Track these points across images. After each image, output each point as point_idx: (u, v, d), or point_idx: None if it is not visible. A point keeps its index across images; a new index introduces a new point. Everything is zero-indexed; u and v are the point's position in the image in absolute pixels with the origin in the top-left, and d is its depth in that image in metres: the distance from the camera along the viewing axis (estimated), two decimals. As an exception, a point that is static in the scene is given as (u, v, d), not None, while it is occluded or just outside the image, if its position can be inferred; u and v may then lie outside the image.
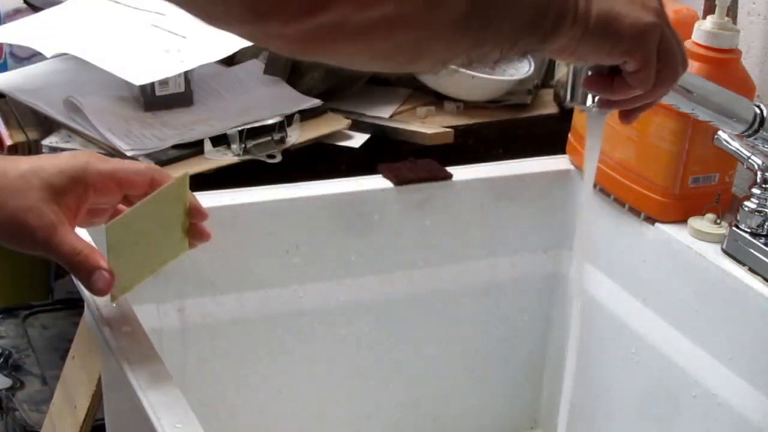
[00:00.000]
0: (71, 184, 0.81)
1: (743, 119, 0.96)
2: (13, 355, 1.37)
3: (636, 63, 0.76)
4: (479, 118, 1.36)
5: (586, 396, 1.24)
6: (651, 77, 0.77)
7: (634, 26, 0.74)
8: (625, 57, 0.76)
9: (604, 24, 0.72)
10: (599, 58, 0.76)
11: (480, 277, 1.23)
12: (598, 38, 0.73)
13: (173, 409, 0.77)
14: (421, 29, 0.63)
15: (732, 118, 0.95)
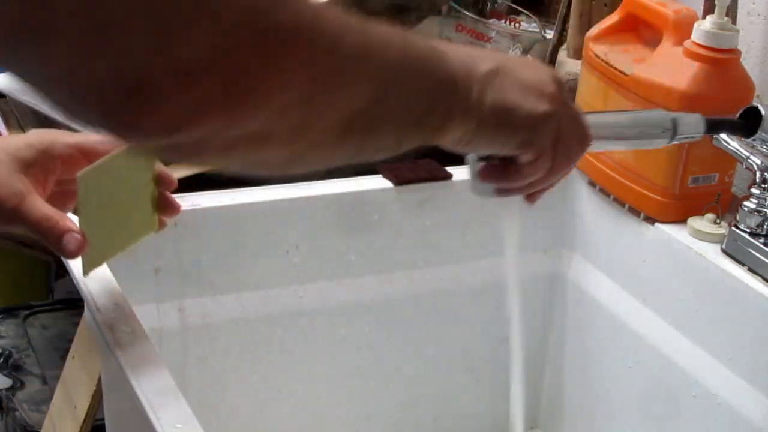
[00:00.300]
0: (38, 156, 0.82)
1: (663, 132, 0.91)
2: (13, 355, 1.37)
3: (530, 154, 0.74)
4: (479, 118, 1.36)
5: (586, 396, 1.24)
6: (546, 167, 0.76)
7: (529, 118, 0.72)
8: (519, 149, 0.74)
9: (498, 116, 0.70)
10: (494, 149, 0.74)
11: (480, 277, 1.23)
12: (492, 131, 0.71)
13: (173, 409, 0.77)
14: (295, 144, 0.59)
15: (653, 139, 0.91)
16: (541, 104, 0.72)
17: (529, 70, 0.74)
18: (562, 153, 0.75)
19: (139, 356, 0.83)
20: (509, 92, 0.71)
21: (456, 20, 1.40)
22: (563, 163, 0.77)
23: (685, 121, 0.91)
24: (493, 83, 0.70)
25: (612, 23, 1.18)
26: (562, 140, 0.75)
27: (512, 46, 1.40)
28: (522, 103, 0.71)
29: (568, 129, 0.75)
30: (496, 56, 0.74)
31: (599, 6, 1.38)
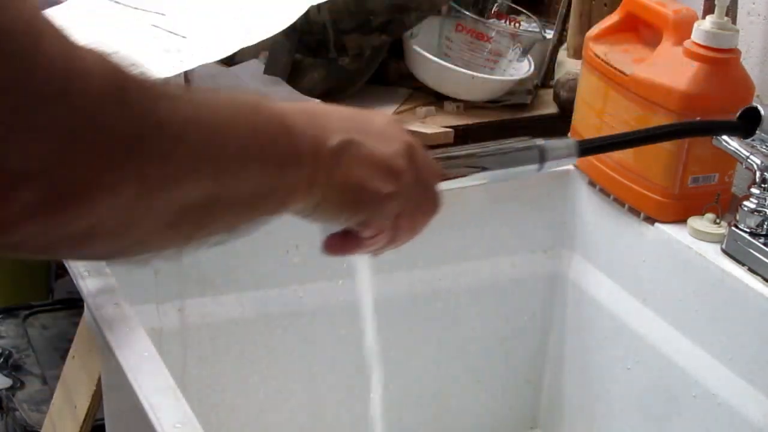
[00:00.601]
0: None
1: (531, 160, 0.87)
2: (13, 355, 1.37)
3: (372, 231, 0.73)
4: (479, 118, 1.36)
5: (586, 396, 1.24)
6: (386, 239, 0.75)
7: (372, 200, 0.70)
8: (359, 227, 0.73)
9: (341, 196, 0.69)
10: (333, 224, 0.73)
11: (480, 277, 1.23)
12: (334, 209, 0.70)
13: (173, 409, 0.77)
14: (121, 240, 0.57)
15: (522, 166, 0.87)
16: (386, 184, 0.70)
17: (381, 140, 0.71)
18: (404, 227, 0.75)
19: (139, 356, 0.83)
20: (356, 170, 0.69)
21: (456, 20, 1.40)
22: (406, 235, 0.76)
23: (554, 147, 0.87)
24: (341, 160, 0.68)
25: (612, 23, 1.18)
26: (405, 215, 0.73)
27: (512, 46, 1.40)
28: (367, 184, 0.69)
29: (414, 202, 0.74)
30: (350, 123, 0.70)
31: (599, 6, 1.38)
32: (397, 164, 0.71)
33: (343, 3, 1.33)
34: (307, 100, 1.29)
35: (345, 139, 0.68)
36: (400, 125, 0.74)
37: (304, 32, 1.35)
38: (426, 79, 1.39)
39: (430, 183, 0.75)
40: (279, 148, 0.63)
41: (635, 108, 1.11)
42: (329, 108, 0.71)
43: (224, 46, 1.24)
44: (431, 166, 0.76)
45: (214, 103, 0.59)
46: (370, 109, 1.32)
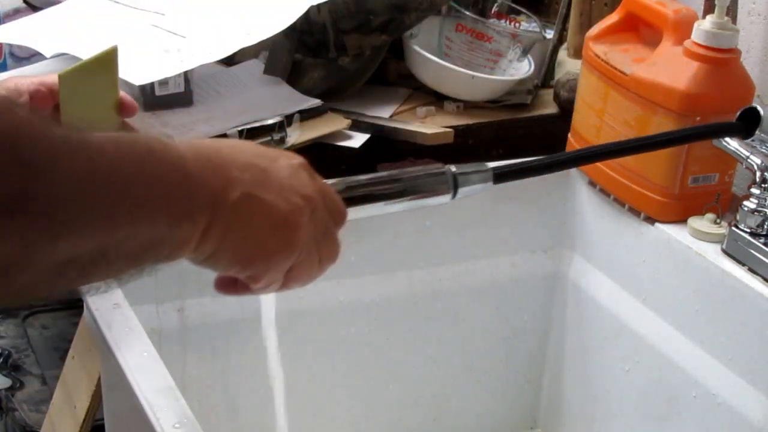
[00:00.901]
0: (7, 93, 0.85)
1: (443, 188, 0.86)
2: (13, 355, 1.37)
3: (262, 284, 0.71)
4: (479, 118, 1.36)
5: (586, 396, 1.24)
6: (276, 288, 0.73)
7: (266, 257, 0.68)
8: (250, 279, 0.71)
9: (234, 251, 0.67)
10: (224, 272, 0.72)
11: (480, 277, 1.23)
12: (227, 262, 0.68)
13: (173, 409, 0.77)
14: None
15: (433, 196, 0.85)
16: (282, 243, 0.69)
17: (282, 194, 0.69)
18: (296, 279, 0.72)
19: (139, 356, 0.83)
20: (252, 227, 0.67)
21: (456, 20, 1.40)
22: (297, 285, 0.73)
23: (467, 173, 0.86)
24: (239, 216, 0.65)
25: (612, 23, 1.18)
26: (299, 268, 0.71)
27: (512, 46, 1.40)
28: (261, 242, 0.68)
29: (309, 256, 0.72)
30: (252, 174, 0.67)
31: (599, 6, 1.38)
32: (295, 221, 0.69)
33: (343, 3, 1.33)
34: (308, 101, 1.29)
35: (245, 193, 0.66)
36: (305, 171, 0.72)
37: (304, 32, 1.35)
38: (426, 79, 1.39)
39: (330, 234, 0.74)
40: (176, 203, 0.61)
41: (635, 108, 1.11)
42: (233, 152, 0.68)
43: (224, 46, 1.24)
44: (335, 211, 0.74)
45: (112, 156, 0.57)
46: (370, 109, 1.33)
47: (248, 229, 0.66)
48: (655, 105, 1.09)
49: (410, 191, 0.83)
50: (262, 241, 0.68)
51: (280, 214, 0.68)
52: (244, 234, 0.66)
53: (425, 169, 0.85)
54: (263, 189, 0.67)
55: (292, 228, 0.69)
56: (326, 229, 0.73)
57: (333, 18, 1.33)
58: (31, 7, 1.44)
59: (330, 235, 0.74)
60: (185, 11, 1.31)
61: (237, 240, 0.66)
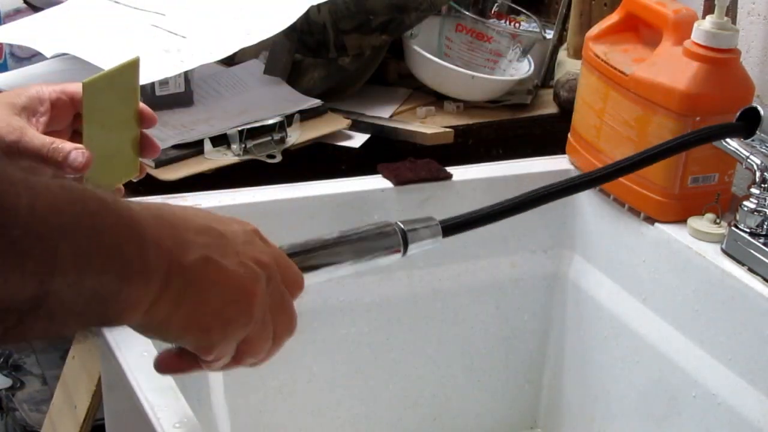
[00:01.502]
0: (29, 100, 0.86)
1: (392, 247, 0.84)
2: (13, 355, 1.37)
3: (213, 356, 0.67)
4: (479, 118, 1.36)
5: (586, 396, 1.24)
6: (224, 362, 0.69)
7: (221, 326, 0.65)
8: (201, 351, 0.67)
9: (188, 317, 0.63)
10: (172, 343, 0.68)
11: (480, 277, 1.23)
12: (178, 331, 0.64)
13: (173, 409, 0.77)
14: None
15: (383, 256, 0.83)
16: (239, 312, 0.65)
17: (240, 258, 0.66)
18: (249, 353, 0.69)
19: (139, 356, 0.83)
20: (210, 292, 0.63)
21: (456, 20, 1.40)
22: (250, 359, 0.70)
23: (415, 229, 0.85)
24: (196, 279, 0.62)
25: (612, 23, 1.18)
26: (253, 341, 0.68)
27: (512, 46, 1.40)
28: (219, 310, 0.64)
29: (265, 328, 0.68)
30: (208, 237, 0.65)
31: (599, 6, 1.38)
32: (252, 289, 0.66)
33: (343, 3, 1.33)
34: (308, 101, 1.29)
35: (202, 257, 0.63)
36: (259, 237, 0.70)
37: (304, 32, 1.35)
38: (426, 79, 1.39)
39: (286, 304, 0.70)
40: (126, 257, 0.58)
41: (635, 108, 1.11)
42: (188, 215, 0.65)
43: (224, 46, 1.24)
44: (291, 279, 0.72)
45: (57, 195, 0.54)
46: (370, 109, 1.34)
47: (204, 294, 0.63)
48: (655, 105, 1.09)
49: (360, 253, 0.81)
50: (219, 309, 0.64)
51: (238, 280, 0.65)
52: (200, 299, 0.63)
53: (374, 229, 0.83)
54: (221, 253, 0.65)
55: (249, 295, 0.66)
56: (282, 298, 0.70)
57: (333, 18, 1.33)
58: (31, 7, 1.44)
59: (286, 305, 0.70)
60: (185, 11, 1.31)
61: (192, 305, 0.63)
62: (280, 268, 0.70)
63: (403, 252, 0.84)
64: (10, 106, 0.86)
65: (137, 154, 0.89)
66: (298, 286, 0.72)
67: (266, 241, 0.71)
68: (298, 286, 0.72)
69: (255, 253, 0.67)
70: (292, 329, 0.71)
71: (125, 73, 0.87)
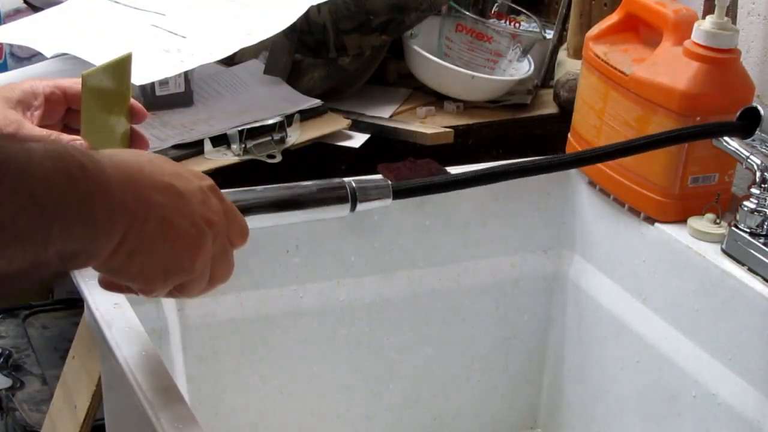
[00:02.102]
0: (23, 94, 0.88)
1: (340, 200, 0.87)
2: (13, 355, 1.37)
3: (150, 296, 0.74)
4: (479, 118, 1.36)
5: (586, 396, 1.24)
6: (160, 297, 0.76)
7: (163, 280, 0.72)
8: (141, 292, 0.74)
9: (137, 269, 0.70)
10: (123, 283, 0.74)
11: (480, 277, 1.23)
12: (127, 276, 0.71)
13: (173, 409, 0.77)
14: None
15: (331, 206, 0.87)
16: (183, 267, 0.72)
17: (194, 218, 0.72)
18: (183, 293, 0.75)
19: (139, 356, 0.83)
20: (160, 249, 0.70)
21: (456, 20, 1.40)
22: (182, 297, 0.76)
23: (365, 187, 0.87)
24: (150, 238, 0.69)
25: (612, 23, 1.18)
26: (189, 285, 0.74)
27: (512, 46, 1.40)
28: (166, 264, 0.71)
29: (204, 275, 0.75)
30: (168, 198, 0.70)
31: (599, 6, 1.38)
32: (199, 247, 0.72)
33: (343, 3, 1.33)
34: (308, 101, 1.29)
35: (159, 217, 0.69)
36: (215, 194, 0.75)
37: (304, 32, 1.35)
38: (426, 79, 1.39)
39: (227, 255, 0.77)
40: (98, 221, 0.64)
41: (635, 108, 1.11)
42: (154, 171, 0.70)
43: (224, 46, 1.24)
44: (238, 231, 0.77)
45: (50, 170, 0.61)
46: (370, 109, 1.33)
47: (155, 251, 0.70)
48: (655, 105, 1.09)
49: (309, 202, 0.86)
50: (165, 264, 0.71)
51: (187, 239, 0.71)
52: (151, 255, 0.70)
53: (325, 183, 0.87)
54: (177, 214, 0.71)
55: (194, 253, 0.72)
56: (224, 250, 0.76)
57: (333, 18, 1.33)
58: (31, 7, 1.44)
59: (226, 257, 0.77)
60: (185, 11, 1.31)
61: (142, 259, 0.69)
62: (229, 221, 0.76)
63: (352, 207, 0.87)
64: (5, 100, 0.87)
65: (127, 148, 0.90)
66: (244, 237, 0.79)
67: (220, 197, 0.76)
68: (244, 236, 0.79)
69: (207, 213, 0.73)
70: (227, 277, 0.78)
71: (120, 67, 0.88)
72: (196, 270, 0.73)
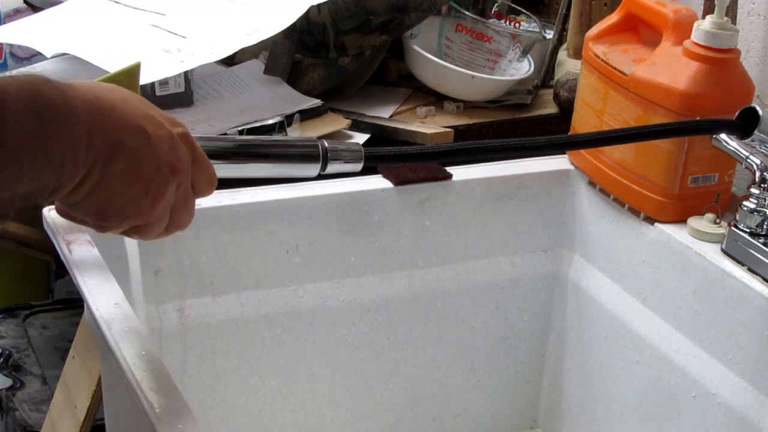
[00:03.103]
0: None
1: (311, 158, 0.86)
2: (13, 355, 1.37)
3: (105, 231, 0.75)
4: (479, 118, 1.36)
5: (586, 396, 1.25)
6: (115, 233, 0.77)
7: (119, 220, 0.73)
8: (96, 227, 0.75)
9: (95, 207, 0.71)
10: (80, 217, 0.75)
11: (480, 277, 1.23)
12: (84, 212, 0.72)
13: (173, 409, 0.77)
14: None
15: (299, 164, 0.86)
16: (140, 211, 0.72)
17: (158, 164, 0.72)
18: (139, 234, 0.76)
19: (139, 356, 0.83)
20: (118, 191, 0.71)
21: (456, 20, 1.40)
22: (137, 237, 0.77)
23: (337, 149, 0.87)
24: (110, 178, 0.69)
25: (612, 23, 1.18)
26: (146, 227, 0.75)
27: (512, 46, 1.40)
28: (122, 206, 0.72)
29: (162, 220, 0.75)
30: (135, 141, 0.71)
31: (599, 6, 1.38)
32: (159, 194, 0.73)
33: (343, 3, 1.33)
34: (308, 101, 1.29)
35: (123, 158, 0.70)
36: (185, 142, 0.75)
37: (304, 32, 1.35)
38: (426, 79, 1.39)
39: (188, 204, 0.77)
40: (63, 162, 0.66)
41: (635, 108, 1.11)
42: (126, 110, 0.71)
43: (224, 46, 1.24)
44: (205, 181, 0.77)
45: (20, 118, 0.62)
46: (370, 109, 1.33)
47: (112, 192, 0.70)
48: (655, 105, 1.09)
49: (280, 156, 0.85)
50: (122, 205, 0.71)
51: (147, 184, 0.72)
52: (108, 195, 0.70)
53: (298, 140, 0.88)
54: (142, 158, 0.71)
55: (154, 199, 0.72)
56: (186, 198, 0.76)
57: (333, 18, 1.33)
58: (31, 7, 1.45)
59: (187, 205, 0.77)
60: (185, 11, 1.31)
61: (100, 198, 0.70)
62: (197, 170, 0.76)
63: (322, 167, 0.86)
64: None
65: None
66: (210, 187, 0.78)
67: (192, 145, 0.76)
68: (210, 186, 0.78)
69: (174, 161, 0.73)
70: (185, 226, 0.78)
71: (127, 77, 0.88)
72: (154, 215, 0.73)
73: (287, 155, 0.86)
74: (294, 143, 0.87)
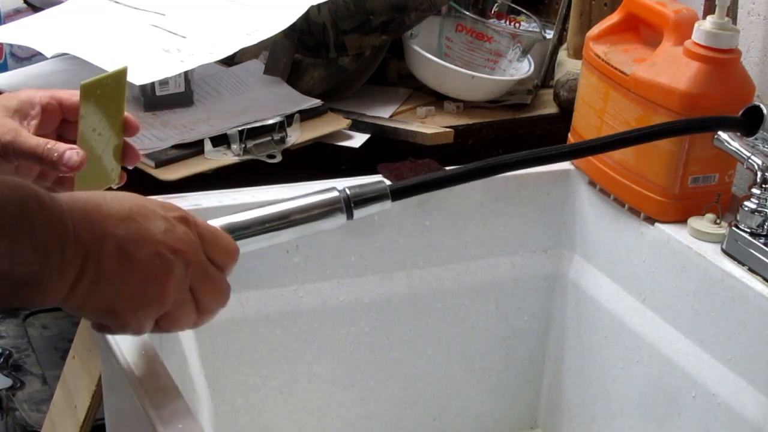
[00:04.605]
0: (20, 103, 0.89)
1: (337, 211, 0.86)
2: (13, 355, 1.37)
3: (131, 331, 0.75)
4: (479, 118, 1.36)
5: (586, 396, 1.25)
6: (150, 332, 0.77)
7: (133, 312, 0.73)
8: (119, 328, 0.75)
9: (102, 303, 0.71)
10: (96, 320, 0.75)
11: (480, 277, 1.23)
12: (94, 312, 0.72)
13: (173, 409, 0.77)
14: None
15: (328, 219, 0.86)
16: (150, 298, 0.72)
17: (157, 248, 0.72)
18: (171, 324, 0.76)
19: (139, 356, 0.83)
20: (120, 281, 0.70)
21: (456, 20, 1.40)
22: (175, 329, 0.77)
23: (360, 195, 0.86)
24: (108, 270, 0.69)
25: (612, 23, 1.18)
26: (172, 315, 0.75)
27: (512, 46, 1.40)
28: (130, 296, 0.72)
29: (185, 304, 0.75)
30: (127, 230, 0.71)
31: (599, 6, 1.38)
32: (165, 276, 0.72)
33: (343, 3, 1.33)
34: (308, 101, 1.29)
35: (117, 248, 0.70)
36: (183, 224, 0.75)
37: (304, 32, 1.35)
38: (426, 79, 1.39)
39: (212, 279, 0.77)
40: (48, 254, 0.66)
41: (635, 108, 1.11)
42: (113, 207, 0.71)
43: (224, 46, 1.24)
44: (223, 253, 0.78)
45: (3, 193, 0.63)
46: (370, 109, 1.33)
47: (115, 283, 0.70)
48: (656, 105, 1.09)
49: (303, 220, 0.84)
50: (129, 296, 0.71)
51: (149, 269, 0.72)
52: (112, 288, 0.70)
53: (318, 197, 0.85)
54: (135, 244, 0.71)
55: (162, 283, 0.72)
56: (205, 276, 0.76)
57: (333, 18, 1.33)
58: (31, 7, 1.44)
59: (209, 282, 0.77)
60: (185, 11, 1.31)
61: (104, 293, 0.70)
62: (207, 246, 0.76)
63: (348, 216, 0.86)
64: (3, 109, 0.88)
65: (119, 162, 0.91)
66: (232, 256, 0.79)
67: (192, 225, 0.76)
68: (231, 257, 0.79)
69: (172, 242, 0.73)
70: (222, 300, 0.78)
71: (116, 80, 0.88)
72: (169, 300, 0.73)
73: (310, 218, 0.84)
74: (314, 204, 0.85)
